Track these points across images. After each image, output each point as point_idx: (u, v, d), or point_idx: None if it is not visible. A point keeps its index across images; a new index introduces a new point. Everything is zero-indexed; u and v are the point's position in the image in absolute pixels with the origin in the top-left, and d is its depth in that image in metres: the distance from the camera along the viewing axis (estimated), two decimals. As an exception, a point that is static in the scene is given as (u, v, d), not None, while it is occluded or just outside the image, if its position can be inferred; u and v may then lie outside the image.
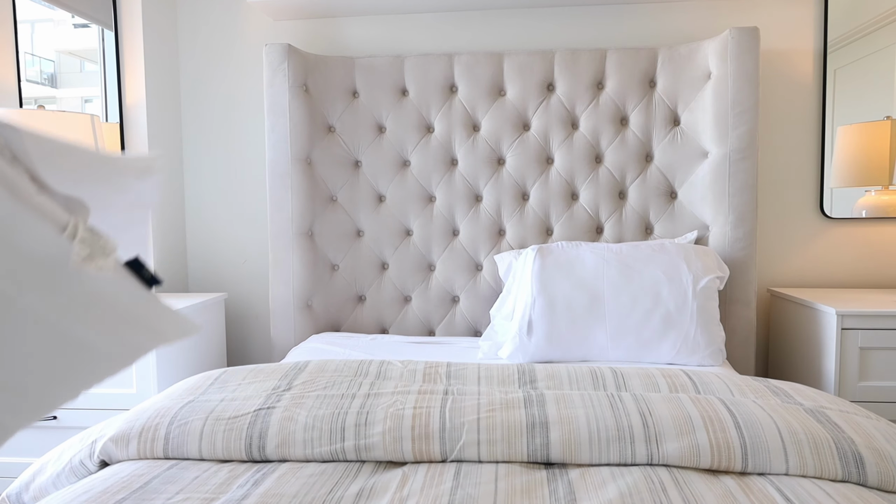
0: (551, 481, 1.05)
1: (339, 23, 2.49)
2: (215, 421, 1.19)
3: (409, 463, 1.13)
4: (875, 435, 1.12)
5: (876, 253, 2.35)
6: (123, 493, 1.02)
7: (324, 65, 2.33)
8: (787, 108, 2.34)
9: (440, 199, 2.34)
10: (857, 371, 1.92)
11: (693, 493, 0.99)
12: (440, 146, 2.32)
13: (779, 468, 1.06)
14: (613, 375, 1.39)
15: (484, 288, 2.31)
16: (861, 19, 2.26)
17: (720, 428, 1.11)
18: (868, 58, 2.26)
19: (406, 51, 2.44)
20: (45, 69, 2.53)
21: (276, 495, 1.00)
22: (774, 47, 2.32)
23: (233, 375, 1.40)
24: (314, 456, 1.14)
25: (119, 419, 1.27)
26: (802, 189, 2.36)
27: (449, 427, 1.14)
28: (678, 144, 2.22)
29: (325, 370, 1.40)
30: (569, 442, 1.11)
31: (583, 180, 2.27)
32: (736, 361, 2.15)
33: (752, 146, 2.11)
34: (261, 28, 2.53)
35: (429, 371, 1.41)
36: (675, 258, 1.94)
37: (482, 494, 0.99)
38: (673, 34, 2.35)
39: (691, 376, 1.38)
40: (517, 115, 2.29)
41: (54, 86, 2.55)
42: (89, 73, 2.52)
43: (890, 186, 2.28)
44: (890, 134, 2.22)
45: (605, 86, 2.25)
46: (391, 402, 1.21)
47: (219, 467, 1.13)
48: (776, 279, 2.40)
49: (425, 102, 2.32)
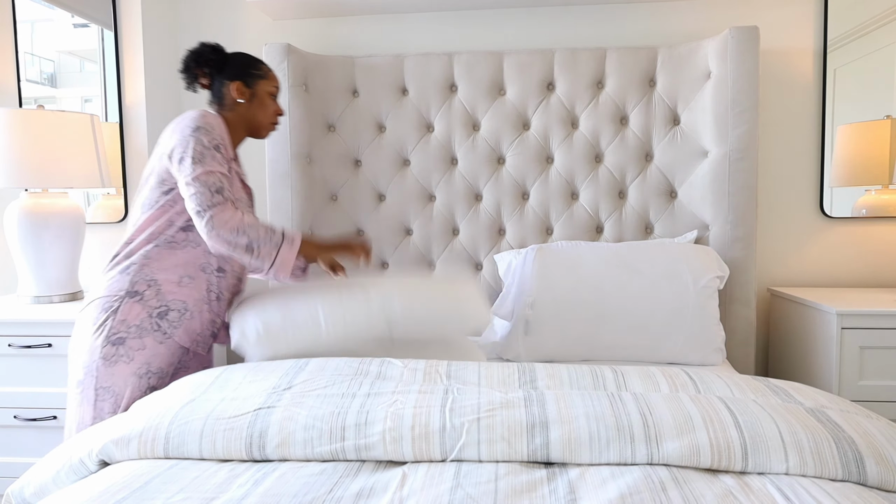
0: (551, 481, 1.05)
1: (339, 22, 2.49)
2: (215, 420, 1.19)
3: (409, 462, 1.13)
4: (875, 434, 1.12)
5: (876, 252, 2.35)
6: (124, 493, 1.02)
7: (324, 64, 2.33)
8: (787, 107, 2.34)
9: (440, 198, 2.34)
10: (857, 370, 1.92)
11: (693, 493, 0.99)
12: (440, 145, 2.32)
13: (779, 467, 1.06)
14: (614, 375, 1.39)
15: (484, 287, 2.31)
16: (861, 18, 2.26)
17: (720, 427, 1.11)
18: (868, 57, 2.26)
19: (406, 50, 2.44)
20: (45, 69, 2.53)
21: (277, 495, 1.00)
22: (774, 47, 2.32)
23: (233, 374, 1.40)
24: (314, 455, 1.14)
25: (119, 419, 1.27)
26: (802, 188, 2.36)
27: (449, 427, 1.14)
28: (678, 144, 2.22)
29: (326, 369, 1.40)
30: (569, 441, 1.10)
31: (583, 180, 2.27)
32: (736, 361, 2.15)
33: (751, 146, 2.11)
34: (260, 28, 2.53)
35: (429, 371, 1.41)
36: (676, 257, 1.94)
37: (482, 494, 0.99)
38: (673, 34, 2.35)
39: (691, 375, 1.38)
40: (517, 115, 2.29)
41: (54, 86, 2.55)
42: (89, 73, 2.52)
43: (890, 186, 2.28)
44: (890, 133, 2.22)
45: (605, 85, 2.25)
46: (391, 401, 1.21)
47: (219, 467, 1.13)
48: (776, 279, 2.40)
49: (425, 102, 2.32)
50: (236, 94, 1.70)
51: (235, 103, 1.71)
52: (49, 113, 2.12)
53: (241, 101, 1.71)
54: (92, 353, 1.55)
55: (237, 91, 1.70)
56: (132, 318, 1.56)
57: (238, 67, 1.72)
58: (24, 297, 2.21)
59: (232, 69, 1.71)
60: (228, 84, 1.70)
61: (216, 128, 1.60)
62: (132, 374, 1.56)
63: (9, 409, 2.05)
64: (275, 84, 1.76)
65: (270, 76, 1.75)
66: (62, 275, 2.23)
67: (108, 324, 1.54)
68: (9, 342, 2.03)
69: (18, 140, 2.07)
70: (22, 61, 2.46)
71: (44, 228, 2.16)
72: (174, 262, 1.60)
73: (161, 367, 1.60)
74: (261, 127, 1.75)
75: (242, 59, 1.74)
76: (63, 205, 2.21)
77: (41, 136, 2.09)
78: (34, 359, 2.04)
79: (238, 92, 1.70)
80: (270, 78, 1.75)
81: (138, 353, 1.56)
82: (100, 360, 1.54)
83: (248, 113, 1.73)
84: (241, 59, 1.74)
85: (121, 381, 1.55)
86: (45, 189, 2.21)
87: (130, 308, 1.56)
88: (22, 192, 2.23)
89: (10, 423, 2.05)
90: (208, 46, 1.71)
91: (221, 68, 1.71)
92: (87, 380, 1.55)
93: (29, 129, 2.08)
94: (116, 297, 1.56)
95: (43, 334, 2.02)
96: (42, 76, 2.53)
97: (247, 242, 1.53)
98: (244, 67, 1.72)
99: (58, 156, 2.11)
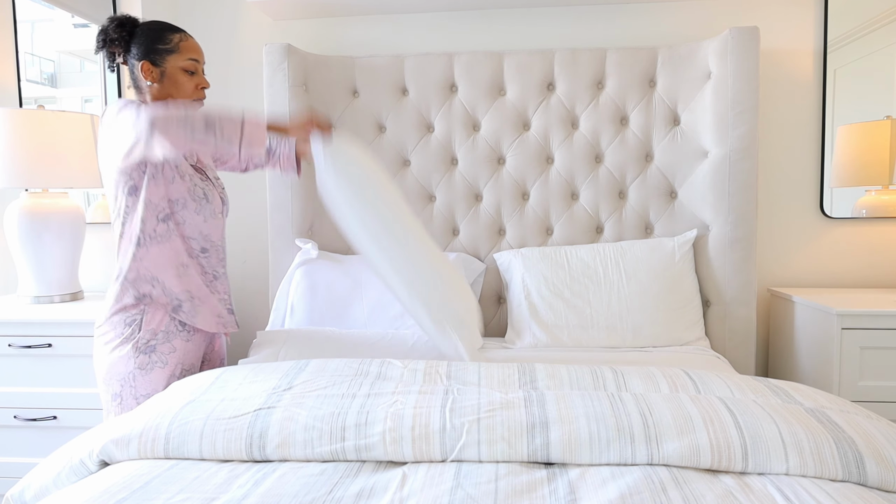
0: (551, 481, 1.05)
1: (339, 23, 2.49)
2: (215, 421, 1.19)
3: (409, 463, 1.13)
4: (875, 435, 1.12)
5: (876, 253, 2.35)
6: (124, 493, 1.03)
7: (324, 64, 2.33)
8: (787, 108, 2.34)
9: (440, 198, 2.34)
10: (857, 371, 1.92)
11: (693, 493, 0.99)
12: (440, 146, 2.32)
13: (779, 468, 1.06)
14: (614, 375, 1.39)
15: (485, 287, 2.31)
16: (861, 19, 2.26)
17: (720, 428, 1.11)
18: (868, 57, 2.26)
19: (406, 50, 2.44)
20: (45, 69, 2.53)
21: (277, 495, 1.00)
22: (774, 47, 2.32)
23: (233, 375, 1.41)
24: (314, 456, 1.14)
25: (120, 419, 1.27)
26: (802, 189, 2.36)
27: (449, 427, 1.14)
28: (678, 144, 2.22)
29: (326, 370, 1.40)
30: (569, 442, 1.11)
31: (583, 180, 2.27)
32: (736, 361, 2.15)
33: (752, 146, 2.11)
34: (261, 28, 2.53)
35: (429, 371, 1.41)
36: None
37: (482, 494, 0.99)
38: (673, 34, 2.35)
39: (691, 376, 1.38)
40: (517, 115, 2.29)
41: (54, 86, 2.55)
42: (89, 73, 2.52)
43: (890, 186, 2.28)
44: (890, 134, 2.22)
45: (605, 85, 2.25)
46: (391, 402, 1.22)
47: (219, 467, 1.13)
48: (776, 279, 2.40)
49: (425, 102, 2.32)
50: (145, 75, 1.55)
51: (149, 87, 1.57)
52: (49, 113, 2.12)
53: (152, 84, 1.56)
54: (126, 364, 1.59)
55: (146, 73, 1.55)
56: (157, 324, 1.61)
57: (143, 44, 1.55)
58: (25, 297, 2.21)
59: (137, 47, 1.55)
60: (137, 65, 1.56)
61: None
62: (168, 376, 1.62)
63: (9, 409, 2.05)
64: (189, 56, 1.57)
65: (182, 47, 1.57)
66: (62, 275, 2.23)
67: (137, 335, 1.59)
68: (9, 342, 2.03)
69: (18, 140, 2.07)
70: (22, 61, 2.46)
71: (44, 228, 2.16)
72: (165, 255, 1.61)
73: (192, 364, 1.68)
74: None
75: (149, 32, 1.56)
76: (63, 205, 2.21)
77: (41, 136, 2.09)
78: (34, 359, 2.04)
79: (147, 73, 1.55)
80: (182, 50, 1.57)
81: (171, 357, 1.62)
82: (136, 370, 1.59)
83: (162, 94, 1.58)
84: (147, 33, 1.56)
85: (160, 386, 1.61)
86: (45, 189, 2.21)
87: (153, 315, 1.60)
88: (22, 192, 2.23)
89: (10, 423, 2.05)
90: (115, 21, 1.56)
91: (128, 47, 1.56)
92: (126, 391, 1.60)
93: (29, 129, 2.08)
94: (137, 309, 1.60)
95: (43, 334, 2.02)
96: (42, 76, 2.53)
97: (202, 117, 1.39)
98: (150, 43, 1.55)
99: (58, 156, 2.11)
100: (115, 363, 1.60)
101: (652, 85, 2.24)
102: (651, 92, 2.24)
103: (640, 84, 2.23)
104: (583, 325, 1.99)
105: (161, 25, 1.58)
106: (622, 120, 2.26)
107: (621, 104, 2.25)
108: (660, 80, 2.23)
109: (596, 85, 2.26)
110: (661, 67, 2.22)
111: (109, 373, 1.61)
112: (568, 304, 2.02)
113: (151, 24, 1.58)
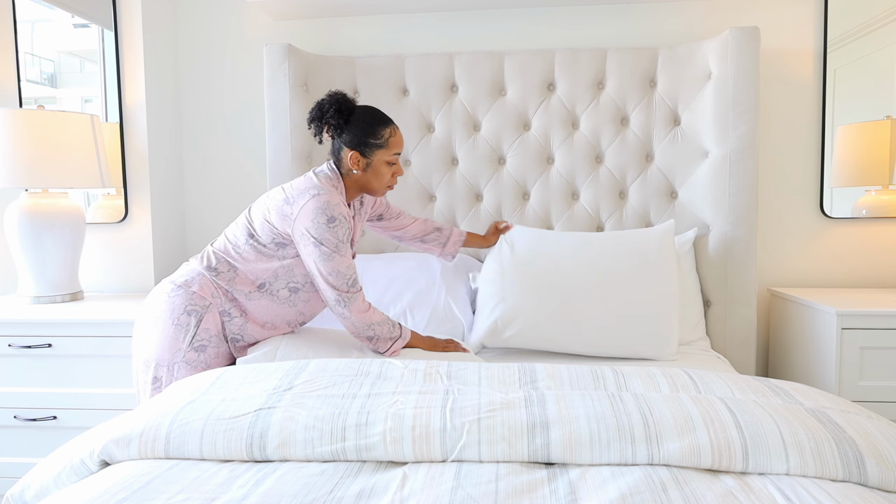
0: (552, 481, 1.05)
1: (339, 23, 2.49)
2: (216, 421, 1.19)
3: (409, 463, 1.13)
4: (876, 435, 1.12)
5: (876, 253, 2.35)
6: (124, 493, 1.02)
7: (324, 64, 2.33)
8: (787, 108, 2.34)
9: (441, 198, 2.34)
10: (857, 371, 1.92)
11: (694, 493, 0.99)
12: (441, 146, 2.32)
13: (779, 468, 1.06)
14: (614, 375, 1.39)
15: (484, 288, 2.31)
16: (861, 19, 2.26)
17: (721, 428, 1.11)
18: (868, 57, 2.26)
19: (406, 50, 2.44)
20: (45, 69, 2.53)
21: (277, 495, 1.00)
22: (774, 47, 2.32)
23: (233, 375, 1.40)
24: (315, 456, 1.14)
25: (120, 419, 1.27)
26: (802, 189, 2.36)
27: (449, 427, 1.14)
28: (678, 144, 2.22)
29: (326, 370, 1.40)
30: (569, 442, 1.10)
31: (583, 180, 2.27)
32: (736, 361, 2.15)
33: (752, 146, 2.11)
34: (261, 28, 2.53)
35: (429, 371, 1.41)
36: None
37: (482, 494, 0.99)
38: (673, 34, 2.35)
39: (692, 376, 1.38)
40: (518, 115, 2.29)
41: (54, 86, 2.55)
42: (89, 73, 2.52)
43: (890, 186, 2.28)
44: (890, 134, 2.22)
45: (606, 86, 2.25)
46: (392, 402, 1.21)
47: (219, 467, 1.13)
48: (776, 279, 2.40)
49: (426, 102, 2.32)
50: (352, 164, 1.67)
51: (351, 171, 1.69)
52: (49, 113, 2.12)
53: (357, 171, 1.69)
54: (174, 353, 1.62)
55: (353, 161, 1.66)
56: (212, 327, 1.64)
57: (357, 134, 1.66)
58: (25, 297, 2.21)
59: (351, 135, 1.66)
60: (346, 151, 1.67)
61: (341, 209, 1.60)
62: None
63: (9, 410, 2.05)
64: (395, 150, 1.70)
65: (391, 143, 1.68)
66: (62, 275, 2.23)
67: (193, 330, 1.62)
68: (9, 342, 2.03)
69: (18, 140, 2.07)
70: (22, 61, 2.46)
71: (44, 228, 2.16)
72: (265, 306, 1.68)
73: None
74: (375, 191, 1.73)
75: (363, 124, 1.66)
76: (63, 205, 2.21)
77: (41, 136, 2.09)
78: (34, 359, 2.04)
79: (353, 162, 1.66)
80: (390, 146, 1.68)
81: (215, 361, 1.66)
82: (182, 363, 1.62)
83: (363, 180, 1.70)
84: (361, 124, 1.66)
85: None
86: (45, 189, 2.21)
87: (212, 317, 1.64)
88: (22, 192, 2.23)
89: (10, 423, 2.05)
90: (335, 103, 1.66)
91: (342, 131, 1.67)
92: (168, 378, 1.62)
93: (29, 129, 2.08)
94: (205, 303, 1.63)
95: (43, 334, 2.02)
96: (42, 76, 2.53)
97: (371, 336, 1.67)
98: (363, 136, 1.66)
99: (58, 156, 2.11)
100: (163, 339, 1.61)
101: (652, 85, 2.24)
102: (651, 92, 2.24)
103: (640, 84, 2.23)
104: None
105: (375, 118, 1.68)
106: (622, 120, 2.26)
107: (622, 104, 2.25)
108: (660, 80, 2.23)
109: (596, 85, 2.26)
110: (661, 67, 2.22)
111: (153, 344, 1.62)
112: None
113: (366, 115, 1.68)
